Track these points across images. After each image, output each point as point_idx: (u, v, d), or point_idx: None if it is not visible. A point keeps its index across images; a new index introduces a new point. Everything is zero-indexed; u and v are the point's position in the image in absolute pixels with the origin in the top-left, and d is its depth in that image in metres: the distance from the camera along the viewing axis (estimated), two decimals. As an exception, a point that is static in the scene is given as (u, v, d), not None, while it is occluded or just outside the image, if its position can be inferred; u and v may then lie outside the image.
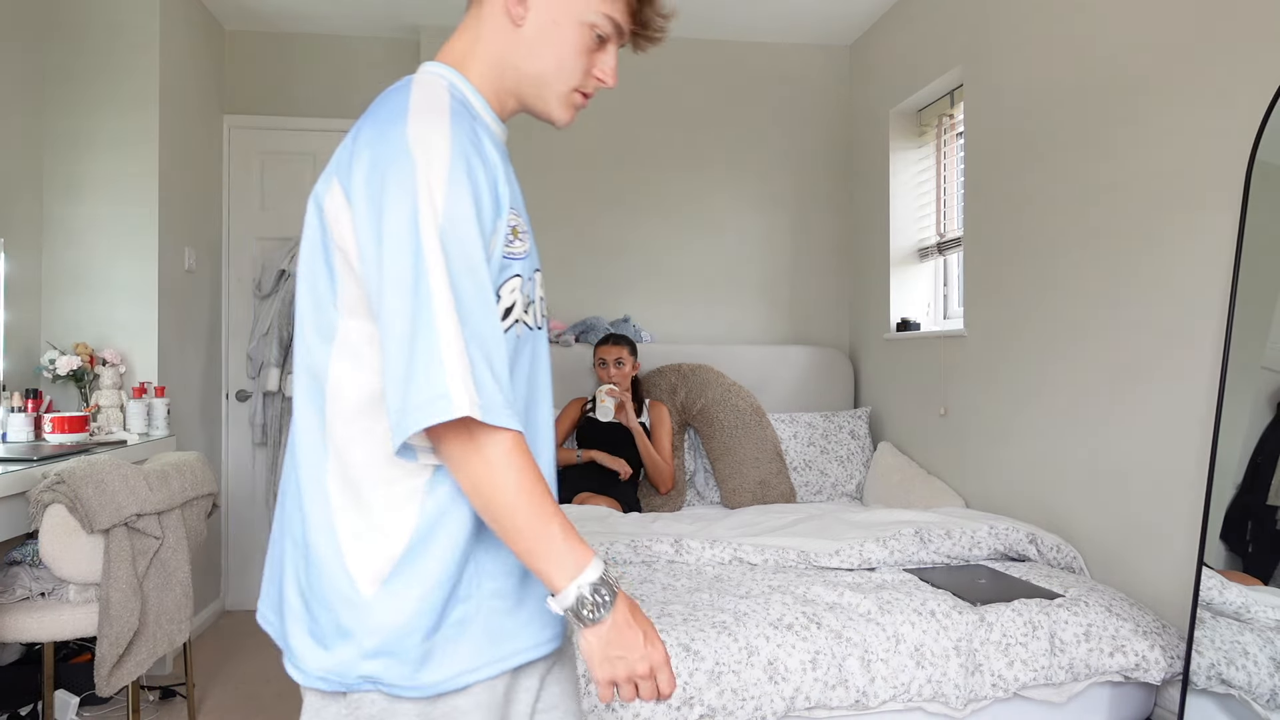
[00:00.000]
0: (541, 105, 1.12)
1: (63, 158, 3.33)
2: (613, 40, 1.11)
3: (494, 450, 0.94)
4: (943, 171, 3.78)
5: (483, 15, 1.11)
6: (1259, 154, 2.05)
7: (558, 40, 1.08)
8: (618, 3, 1.09)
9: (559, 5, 1.07)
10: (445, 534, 1.00)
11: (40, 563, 2.41)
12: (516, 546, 0.96)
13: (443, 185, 0.96)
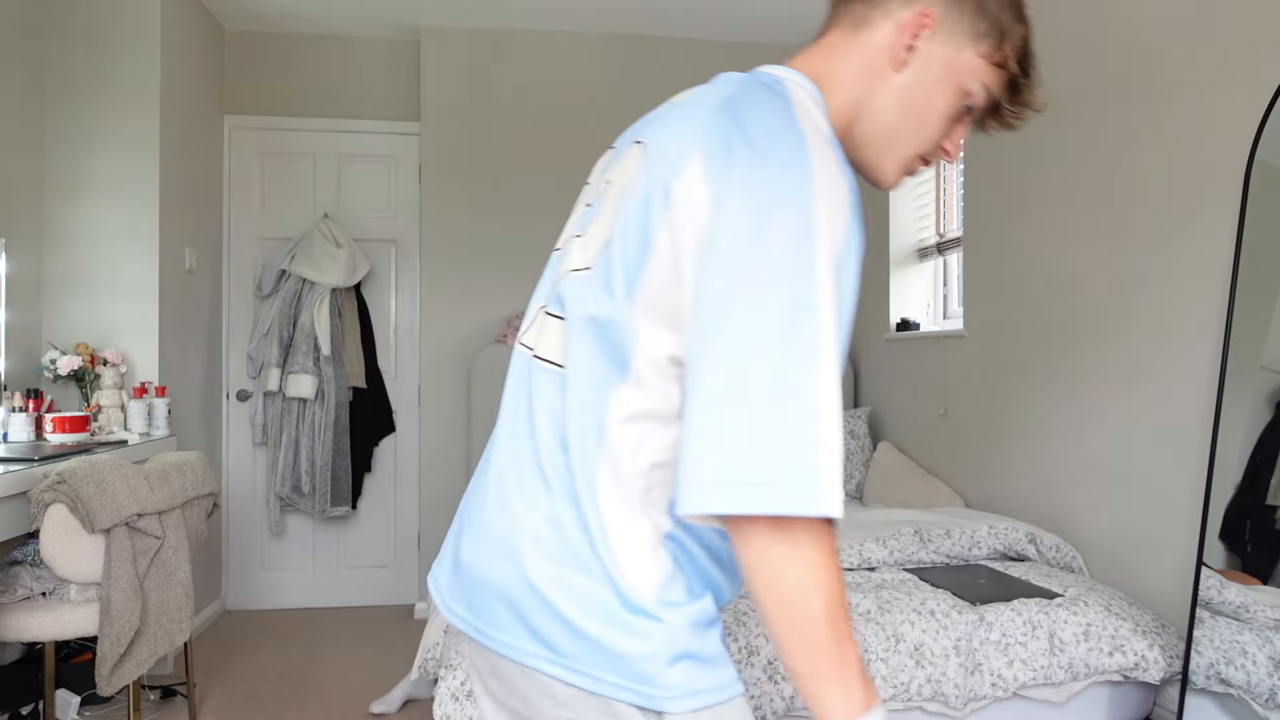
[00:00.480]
0: (874, 160, 0.99)
1: (64, 158, 3.33)
2: (975, 115, 1.01)
3: (813, 549, 0.78)
4: (942, 171, 3.78)
5: (857, 42, 0.97)
6: (1258, 154, 2.05)
7: (931, 99, 0.97)
8: (1000, 78, 0.98)
9: (946, 63, 0.96)
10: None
11: (41, 562, 2.41)
12: (800, 662, 0.80)
13: (844, 230, 0.82)
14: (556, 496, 0.92)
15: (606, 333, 0.90)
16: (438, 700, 1.96)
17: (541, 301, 1.03)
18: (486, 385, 3.98)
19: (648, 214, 0.87)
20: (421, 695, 3.04)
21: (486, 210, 4.17)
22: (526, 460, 0.96)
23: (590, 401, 0.91)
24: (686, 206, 0.85)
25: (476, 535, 1.00)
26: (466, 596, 0.99)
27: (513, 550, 0.93)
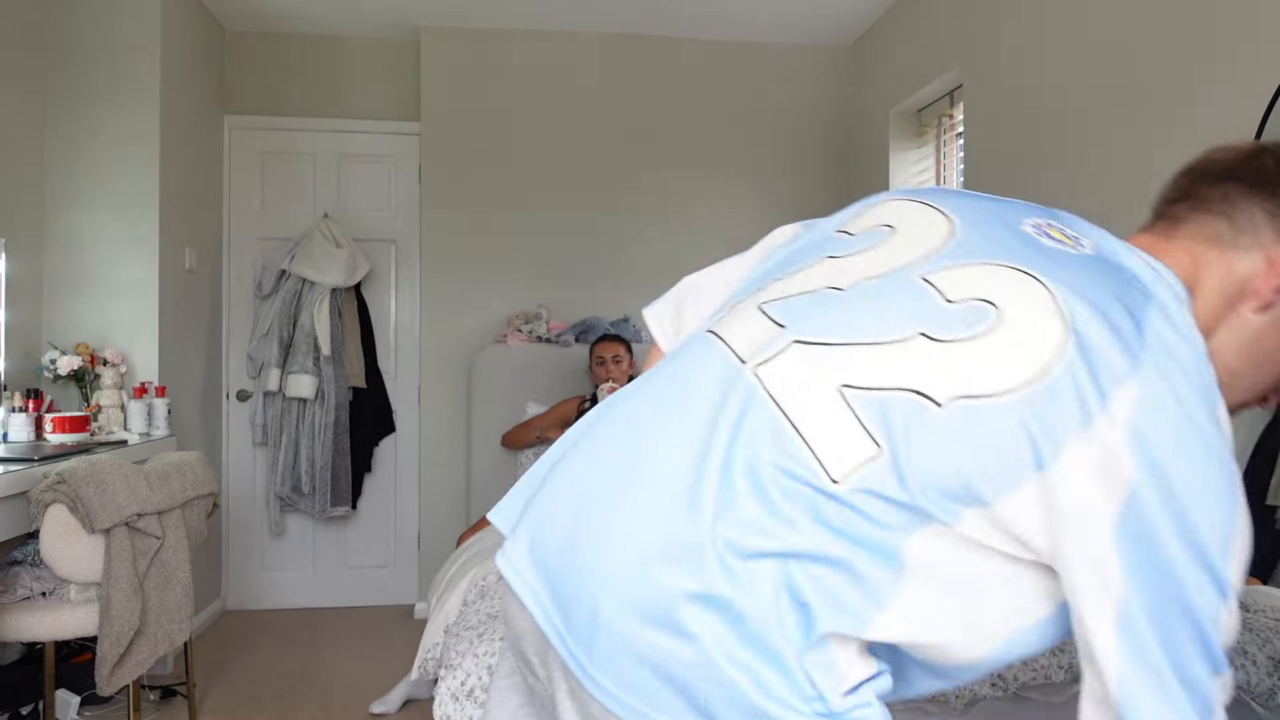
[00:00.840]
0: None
1: (64, 158, 3.33)
2: None
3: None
4: (943, 172, 3.78)
5: (1221, 260, 0.88)
6: (1258, 154, 2.05)
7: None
8: None
9: None
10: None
11: (41, 562, 2.41)
12: None
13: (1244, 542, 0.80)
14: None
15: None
16: (437, 700, 1.96)
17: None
18: (486, 385, 3.98)
19: (1072, 399, 0.74)
20: (421, 695, 3.04)
21: (486, 210, 4.17)
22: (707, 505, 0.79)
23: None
24: (1107, 445, 0.73)
25: (599, 555, 0.82)
26: (570, 618, 0.82)
27: (670, 616, 0.76)
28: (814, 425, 0.79)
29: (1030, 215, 0.96)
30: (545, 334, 4.04)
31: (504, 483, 3.95)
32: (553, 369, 4.01)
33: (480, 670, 1.96)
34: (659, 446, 0.83)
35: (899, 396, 0.77)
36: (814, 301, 0.87)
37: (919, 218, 0.92)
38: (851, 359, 0.81)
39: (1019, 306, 0.79)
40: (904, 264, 0.87)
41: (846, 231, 0.96)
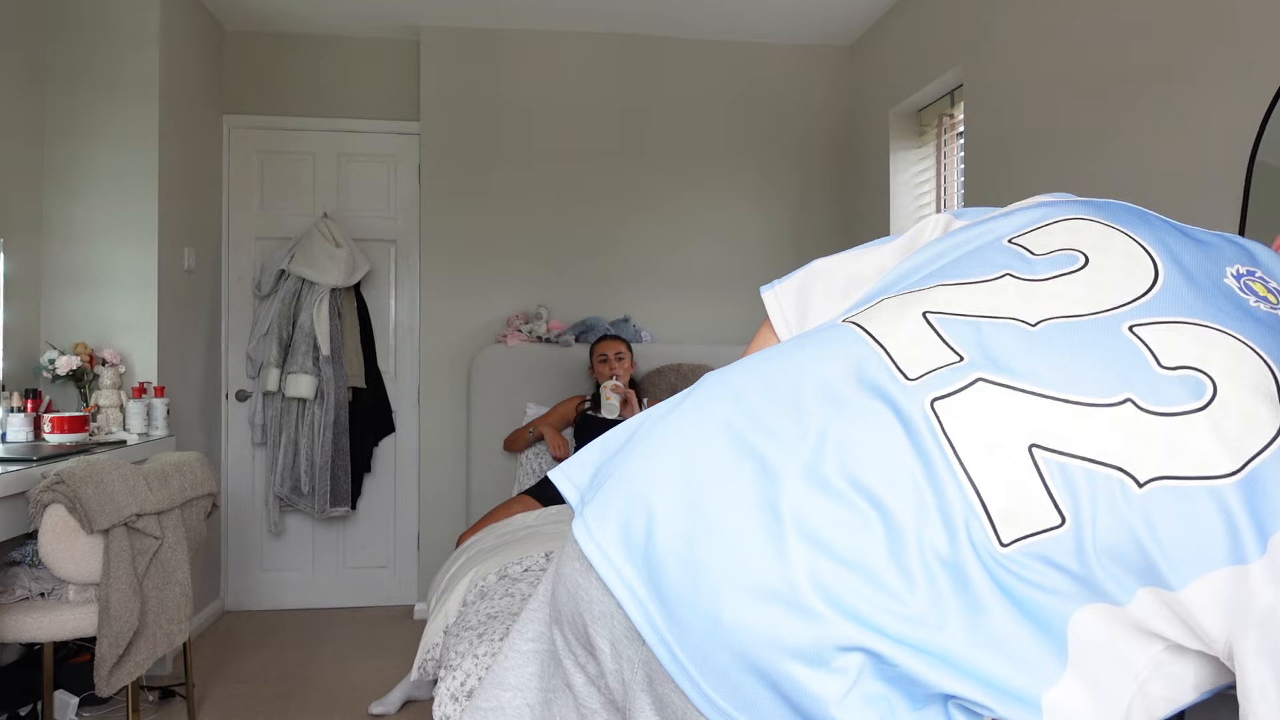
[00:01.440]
0: None
1: (63, 157, 3.33)
2: None
3: None
4: (943, 171, 3.78)
5: None
6: (1259, 155, 2.05)
7: None
8: None
9: None
10: None
11: (40, 563, 2.41)
12: None
13: None
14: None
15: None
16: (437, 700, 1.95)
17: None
18: (486, 385, 3.97)
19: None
20: (421, 696, 3.04)
21: (486, 210, 4.17)
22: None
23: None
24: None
25: (728, 562, 0.74)
26: (679, 623, 0.75)
27: (820, 655, 0.71)
28: (991, 481, 0.72)
29: (1230, 261, 0.85)
30: (545, 334, 4.04)
31: (504, 483, 3.95)
32: (553, 369, 4.00)
33: (480, 670, 1.95)
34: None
35: (1099, 471, 0.70)
36: (1001, 333, 0.78)
37: (1118, 250, 0.83)
38: (1046, 415, 0.73)
39: (1235, 383, 0.72)
40: (1108, 309, 0.78)
41: (1025, 247, 0.86)
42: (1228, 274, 0.83)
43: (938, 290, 0.83)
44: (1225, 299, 0.79)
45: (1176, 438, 0.70)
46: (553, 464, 3.80)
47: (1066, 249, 0.84)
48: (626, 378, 3.68)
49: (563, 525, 2.95)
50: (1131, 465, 0.70)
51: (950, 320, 0.80)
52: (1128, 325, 0.77)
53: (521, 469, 3.83)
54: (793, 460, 0.75)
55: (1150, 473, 0.70)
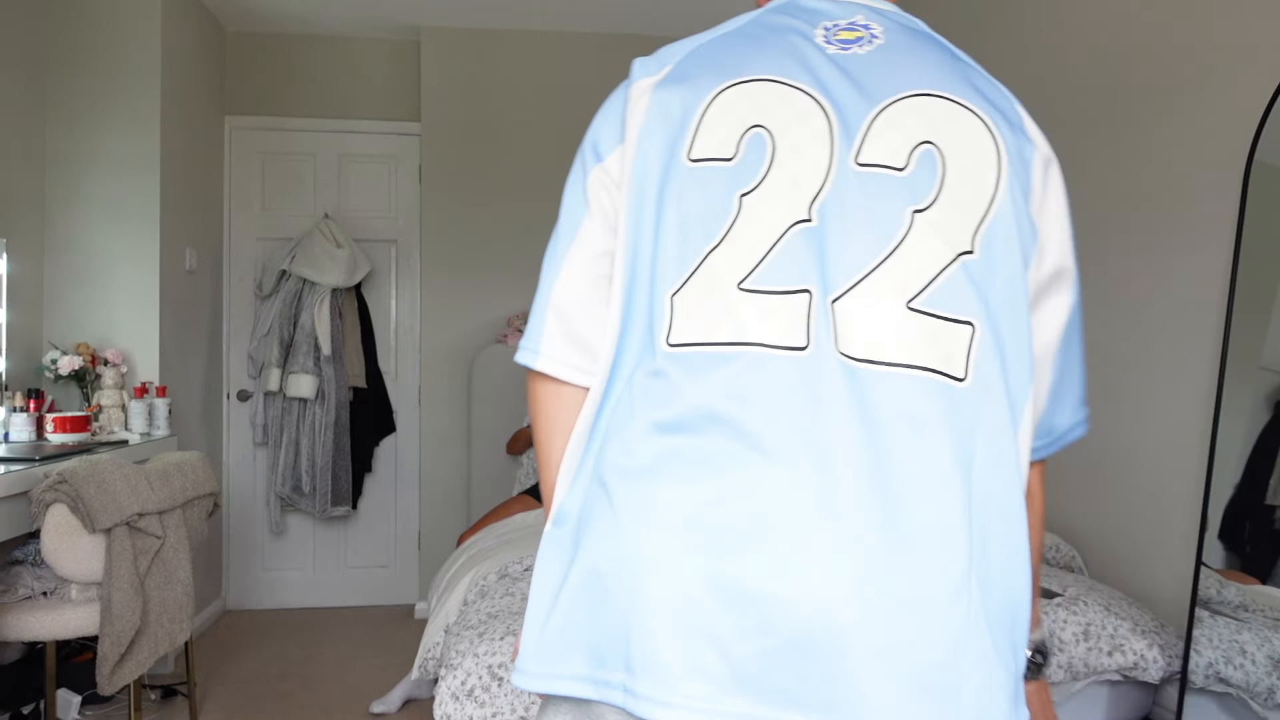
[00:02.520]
0: None
1: (64, 158, 3.33)
2: None
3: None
4: (942, 171, 3.78)
5: None
6: (1257, 154, 2.05)
7: None
8: None
9: None
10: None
11: (42, 562, 2.42)
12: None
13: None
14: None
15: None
16: (438, 700, 1.96)
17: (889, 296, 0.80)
18: (486, 385, 3.98)
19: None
20: (421, 695, 3.04)
21: (486, 210, 4.17)
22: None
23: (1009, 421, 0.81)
24: (1039, 195, 0.90)
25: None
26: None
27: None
28: (929, 352, 0.79)
29: (817, 26, 0.91)
30: (545, 334, 4.04)
31: (504, 483, 3.95)
32: (553, 369, 4.01)
33: (480, 670, 1.96)
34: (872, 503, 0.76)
35: (947, 274, 0.79)
36: (808, 247, 0.79)
37: (783, 108, 0.83)
38: (891, 278, 0.78)
39: (951, 133, 0.83)
40: (830, 161, 0.82)
41: (717, 158, 0.83)
42: (819, 40, 0.90)
43: (714, 258, 0.81)
44: (833, 61, 0.88)
45: (956, 199, 0.83)
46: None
47: (748, 129, 0.84)
48: None
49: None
50: (962, 245, 0.82)
51: (766, 274, 0.80)
52: (854, 161, 0.82)
53: (521, 469, 3.84)
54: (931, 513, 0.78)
55: (966, 245, 0.82)
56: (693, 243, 0.81)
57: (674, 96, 0.87)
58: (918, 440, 0.76)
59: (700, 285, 0.80)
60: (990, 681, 0.74)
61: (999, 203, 0.82)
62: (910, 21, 0.94)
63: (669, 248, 0.82)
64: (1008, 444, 0.79)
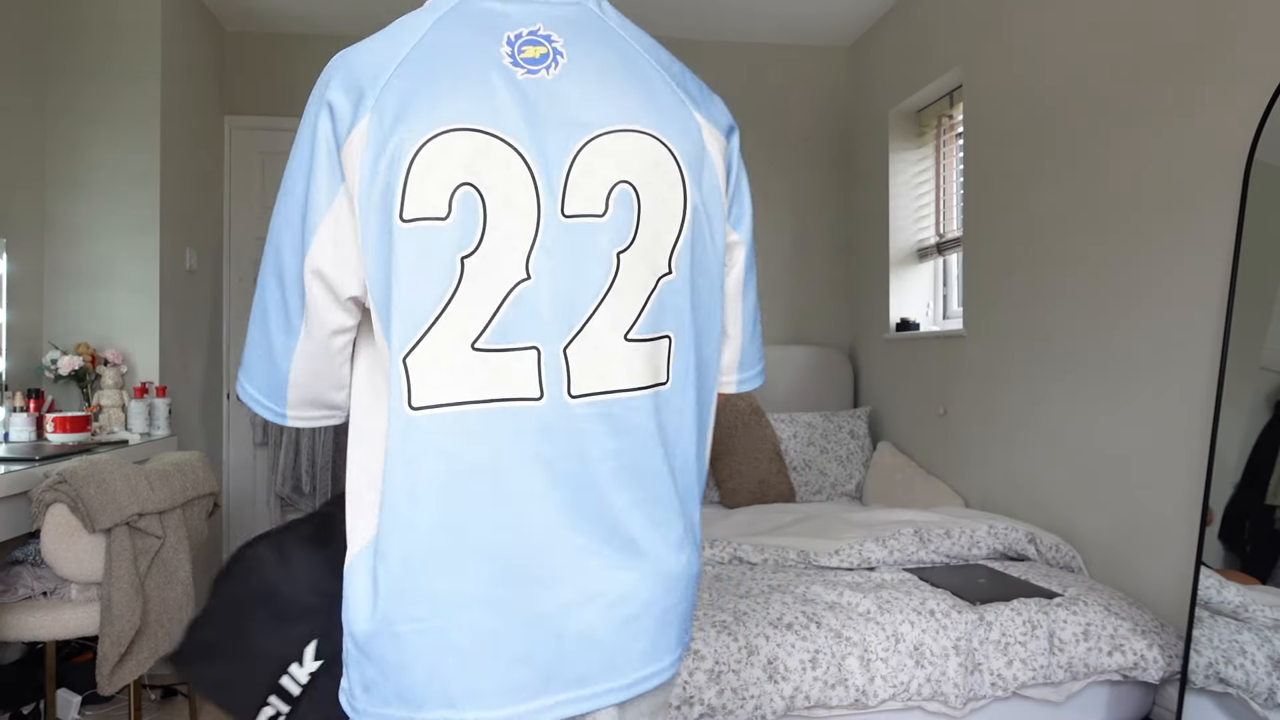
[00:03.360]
0: None
1: (64, 158, 3.33)
2: None
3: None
4: (942, 172, 3.79)
5: None
6: (1257, 154, 2.05)
7: None
8: None
9: None
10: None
11: (42, 562, 2.41)
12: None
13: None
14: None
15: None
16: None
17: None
18: (487, 385, 3.98)
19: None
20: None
21: (487, 210, 4.17)
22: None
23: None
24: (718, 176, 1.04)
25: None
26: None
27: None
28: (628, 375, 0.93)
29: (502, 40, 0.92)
30: (545, 334, 4.04)
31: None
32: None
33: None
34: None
35: (652, 300, 0.92)
36: (532, 304, 0.87)
37: (486, 162, 0.86)
38: (607, 316, 0.89)
39: (640, 168, 0.92)
40: (538, 214, 0.87)
41: (430, 217, 0.85)
42: (507, 61, 0.90)
43: (440, 326, 0.86)
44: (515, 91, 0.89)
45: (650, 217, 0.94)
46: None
47: (459, 186, 0.86)
48: None
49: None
50: (660, 266, 0.96)
51: (498, 332, 0.87)
52: (560, 214, 0.89)
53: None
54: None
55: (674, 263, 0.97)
56: (422, 306, 0.85)
57: (390, 145, 0.85)
58: (634, 444, 0.91)
59: (433, 347, 0.85)
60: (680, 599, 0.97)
61: (688, 223, 0.93)
62: (590, 16, 0.95)
63: (400, 310, 0.85)
64: (691, 419, 0.97)
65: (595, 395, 0.89)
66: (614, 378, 0.89)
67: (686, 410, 0.96)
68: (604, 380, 0.89)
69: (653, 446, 0.92)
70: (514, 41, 0.90)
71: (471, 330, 0.85)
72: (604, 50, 0.93)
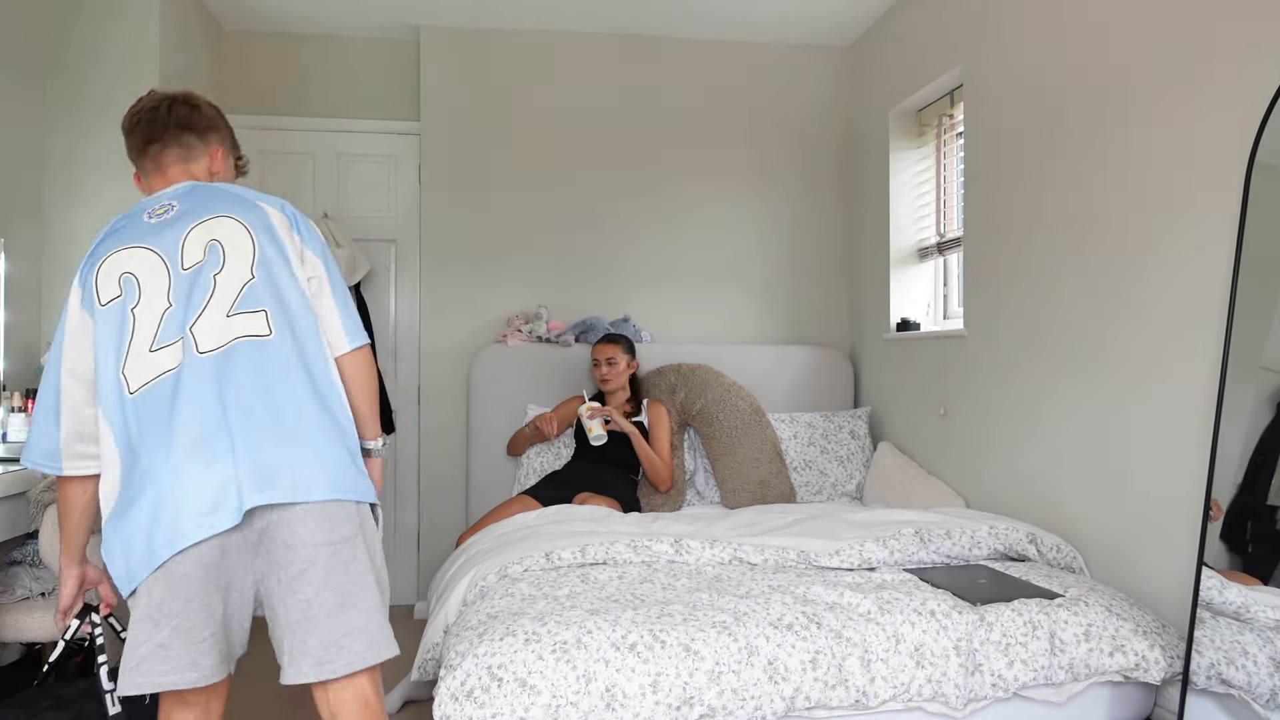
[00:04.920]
0: None
1: (63, 158, 3.33)
2: None
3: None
4: (943, 171, 3.78)
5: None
6: (1258, 154, 2.05)
7: None
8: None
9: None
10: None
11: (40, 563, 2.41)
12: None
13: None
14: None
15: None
16: (437, 701, 1.96)
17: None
18: (486, 385, 3.98)
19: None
20: (421, 696, 3.04)
21: (486, 210, 4.17)
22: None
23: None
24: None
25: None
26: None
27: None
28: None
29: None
30: (545, 334, 4.04)
31: (504, 483, 3.95)
32: (553, 369, 4.01)
33: (480, 670, 1.96)
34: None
35: (243, 293, 1.67)
36: (173, 317, 1.63)
37: (133, 258, 1.67)
38: (216, 305, 1.65)
39: (221, 232, 1.72)
40: (169, 273, 1.66)
41: (114, 297, 1.65)
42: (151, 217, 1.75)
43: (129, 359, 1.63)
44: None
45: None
46: (554, 464, 3.81)
47: (122, 275, 1.68)
48: (620, 382, 3.69)
49: (562, 525, 2.95)
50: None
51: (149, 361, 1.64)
52: (212, 277, 1.68)
53: (521, 469, 3.84)
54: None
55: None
56: (119, 342, 1.62)
57: (82, 281, 1.69)
58: (251, 373, 1.60)
59: (133, 359, 1.60)
60: (325, 449, 1.64)
61: (258, 255, 1.68)
62: (195, 186, 1.79)
63: (112, 352, 1.63)
64: (294, 359, 1.64)
65: (211, 351, 1.66)
66: (222, 336, 1.66)
67: (290, 355, 1.67)
68: (213, 339, 1.65)
69: (255, 369, 1.67)
70: (151, 210, 1.74)
71: (146, 341, 1.63)
72: (207, 193, 1.78)
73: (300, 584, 1.54)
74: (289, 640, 1.56)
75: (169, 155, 1.81)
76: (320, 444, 1.59)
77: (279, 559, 1.55)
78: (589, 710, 1.92)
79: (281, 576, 1.55)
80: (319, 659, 1.56)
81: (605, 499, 3.45)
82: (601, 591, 2.31)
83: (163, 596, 1.49)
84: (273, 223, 1.72)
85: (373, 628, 1.64)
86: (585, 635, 2.01)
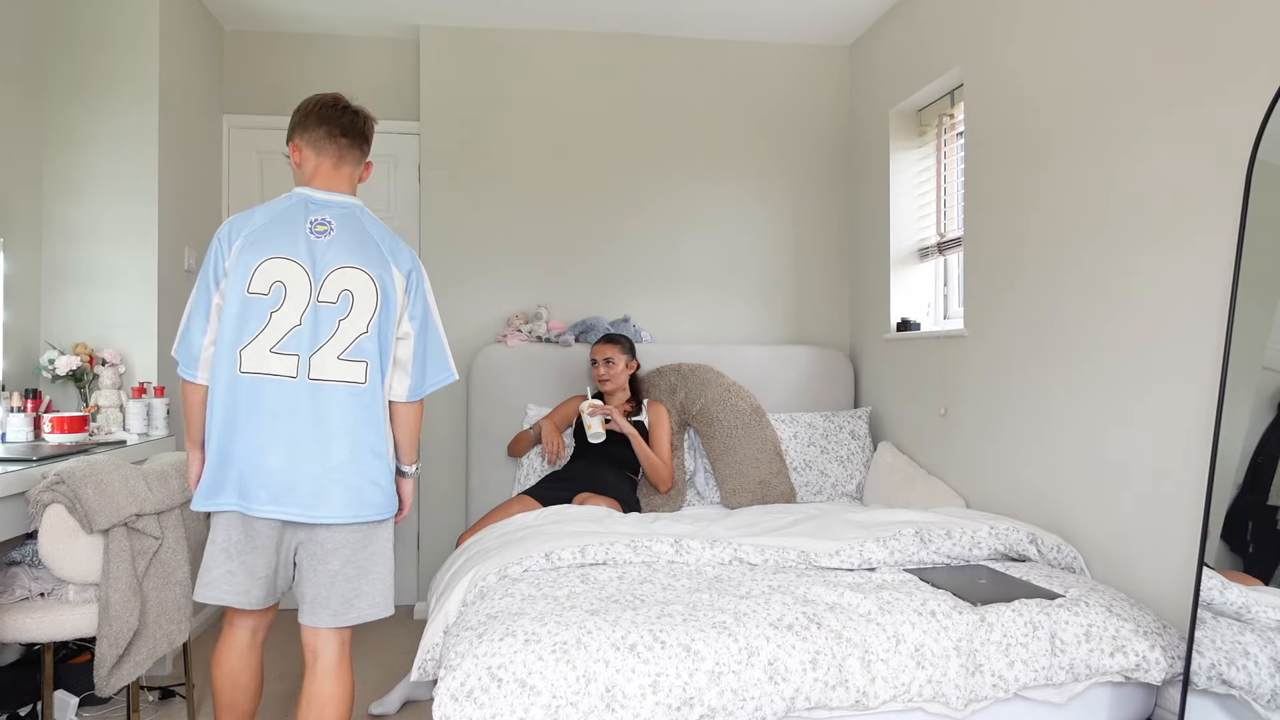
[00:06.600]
0: None
1: (62, 157, 3.33)
2: None
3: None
4: (943, 171, 3.78)
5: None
6: (1259, 154, 2.05)
7: None
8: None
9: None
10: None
11: (39, 563, 2.41)
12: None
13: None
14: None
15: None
16: (437, 701, 1.95)
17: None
18: (486, 385, 3.97)
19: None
20: (421, 696, 3.03)
21: (486, 210, 4.17)
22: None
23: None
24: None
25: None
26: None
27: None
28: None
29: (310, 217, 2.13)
30: (545, 334, 4.04)
31: (504, 483, 3.95)
32: (553, 369, 4.00)
33: (479, 671, 1.95)
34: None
35: (355, 343, 2.07)
36: (298, 336, 2.03)
37: (288, 270, 2.04)
38: (332, 345, 2.04)
39: (354, 283, 2.08)
40: (309, 298, 2.04)
41: (260, 293, 2.02)
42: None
43: (259, 338, 2.05)
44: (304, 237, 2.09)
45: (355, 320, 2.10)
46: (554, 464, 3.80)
47: (274, 283, 2.06)
48: (619, 382, 3.69)
49: (562, 525, 2.95)
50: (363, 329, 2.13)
51: (284, 342, 2.05)
52: (316, 300, 2.06)
53: (521, 469, 3.83)
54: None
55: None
56: (249, 328, 2.01)
57: (243, 260, 2.03)
58: (339, 409, 2.03)
59: (253, 347, 2.01)
60: (364, 483, 2.08)
61: (378, 313, 2.06)
62: (353, 213, 2.14)
63: (238, 330, 2.02)
64: (375, 405, 2.08)
65: (319, 381, 2.06)
66: (330, 374, 2.06)
67: (374, 404, 2.10)
68: (325, 373, 2.06)
69: (348, 409, 2.09)
70: (313, 223, 2.08)
71: (271, 342, 2.03)
72: (355, 231, 2.11)
73: (331, 559, 2.06)
74: (314, 595, 2.07)
75: (350, 155, 2.16)
76: (358, 482, 2.07)
77: (319, 540, 2.06)
78: (589, 711, 1.92)
79: (317, 551, 2.06)
80: (336, 612, 2.07)
81: (605, 499, 3.45)
82: (601, 592, 2.31)
83: (239, 539, 2.03)
84: (393, 288, 2.09)
85: (378, 593, 2.15)
86: (585, 636, 2.01)
